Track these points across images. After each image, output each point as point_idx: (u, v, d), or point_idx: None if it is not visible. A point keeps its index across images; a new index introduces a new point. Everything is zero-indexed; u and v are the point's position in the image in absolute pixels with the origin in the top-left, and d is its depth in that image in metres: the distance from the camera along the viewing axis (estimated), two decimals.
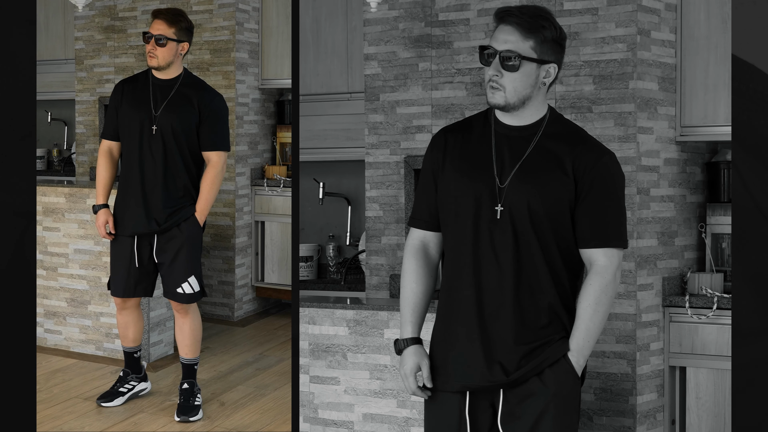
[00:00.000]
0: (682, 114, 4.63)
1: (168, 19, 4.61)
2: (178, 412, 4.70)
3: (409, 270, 2.99)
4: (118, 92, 4.71)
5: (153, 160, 4.61)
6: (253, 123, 6.73)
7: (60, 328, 5.78)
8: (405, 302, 2.99)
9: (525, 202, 2.84)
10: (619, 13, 4.42)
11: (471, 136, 2.95)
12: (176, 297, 4.66)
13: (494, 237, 2.85)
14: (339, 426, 4.39)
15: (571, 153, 2.87)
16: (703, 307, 4.50)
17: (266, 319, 6.65)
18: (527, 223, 2.85)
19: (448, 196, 2.92)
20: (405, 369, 2.95)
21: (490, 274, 2.86)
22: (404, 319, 2.98)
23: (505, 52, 2.83)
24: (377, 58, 5.11)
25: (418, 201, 3.01)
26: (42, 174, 8.03)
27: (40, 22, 7.60)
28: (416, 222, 3.01)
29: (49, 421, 4.66)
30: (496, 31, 2.87)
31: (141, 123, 4.62)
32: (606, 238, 2.88)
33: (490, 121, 2.94)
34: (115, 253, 4.73)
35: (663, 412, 4.56)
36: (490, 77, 2.86)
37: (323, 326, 4.42)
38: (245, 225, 6.66)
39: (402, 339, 2.97)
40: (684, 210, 4.72)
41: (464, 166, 2.91)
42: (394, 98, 5.06)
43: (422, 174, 3.01)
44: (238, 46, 6.52)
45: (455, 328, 2.90)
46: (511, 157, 2.89)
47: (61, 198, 5.75)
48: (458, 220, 2.90)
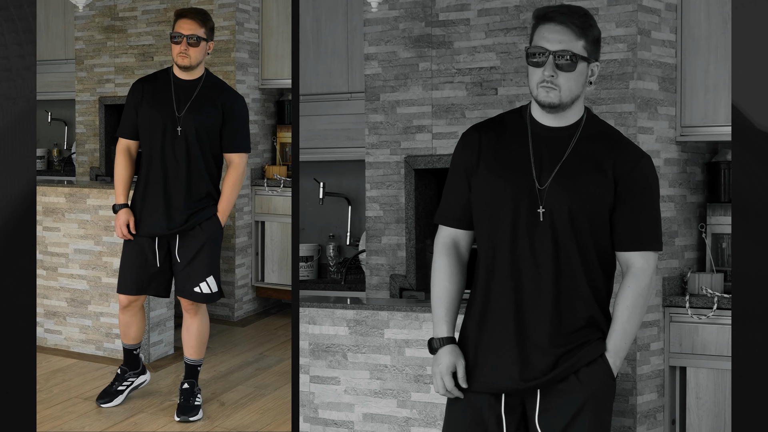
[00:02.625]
0: (682, 114, 4.63)
1: (199, 18, 4.61)
2: (178, 412, 4.70)
3: (441, 268, 2.95)
4: (138, 91, 4.67)
5: (176, 162, 4.59)
6: (253, 123, 6.73)
7: (60, 328, 5.78)
8: (438, 300, 2.95)
9: (566, 205, 2.83)
10: (620, 13, 4.42)
11: (506, 135, 2.92)
12: (192, 296, 4.63)
13: (534, 240, 2.84)
14: (339, 426, 4.39)
15: (610, 155, 2.87)
16: (703, 307, 4.50)
17: (266, 319, 6.65)
18: (568, 226, 2.84)
19: (484, 196, 2.89)
20: (441, 368, 2.90)
21: (528, 277, 2.84)
22: (438, 318, 2.94)
23: (560, 51, 2.81)
24: (377, 58, 5.11)
25: (448, 198, 2.97)
26: (42, 174, 8.03)
27: (40, 22, 7.60)
28: (447, 220, 2.97)
29: (49, 421, 4.66)
30: (543, 30, 2.83)
31: (164, 124, 4.60)
32: (644, 241, 2.89)
33: (526, 121, 2.92)
34: (129, 251, 4.68)
35: (663, 412, 4.56)
36: (544, 78, 2.82)
37: (323, 326, 4.42)
38: (245, 225, 6.66)
39: (437, 338, 2.93)
40: (684, 210, 4.71)
41: (500, 166, 2.88)
42: (395, 98, 5.06)
43: (453, 171, 2.97)
44: (238, 46, 6.52)
45: (491, 329, 2.88)
46: (550, 158, 2.87)
47: (61, 198, 5.75)
48: (495, 221, 2.87)
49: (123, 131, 4.72)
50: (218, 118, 4.62)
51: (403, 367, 4.24)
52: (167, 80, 4.66)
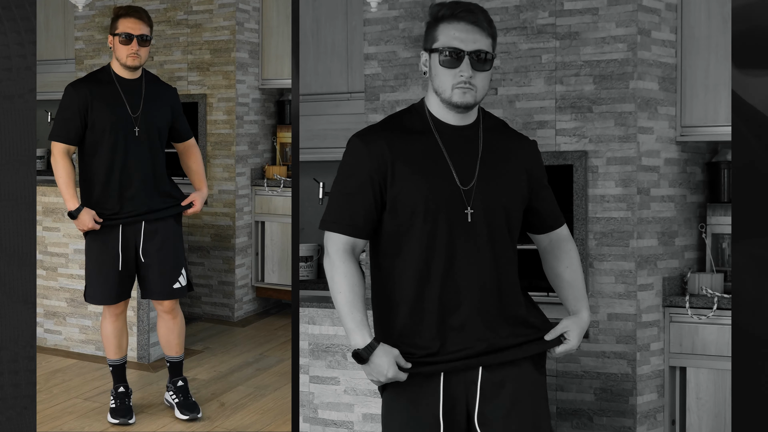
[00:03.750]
0: (682, 114, 4.63)
1: (146, 17, 4.58)
2: (184, 410, 4.69)
3: (347, 273, 2.83)
4: (83, 95, 4.56)
5: (138, 163, 4.55)
6: (253, 123, 6.73)
7: (60, 328, 5.78)
8: (351, 306, 2.81)
9: (493, 203, 2.84)
10: (620, 13, 4.42)
11: (413, 140, 2.86)
12: (174, 293, 4.63)
13: (466, 241, 2.82)
14: (339, 426, 4.39)
15: (516, 146, 2.93)
16: (703, 308, 4.50)
17: (266, 319, 6.65)
18: (502, 222, 2.86)
19: (406, 203, 2.82)
20: (387, 369, 2.80)
21: (466, 276, 2.82)
22: (357, 324, 2.80)
23: (476, 52, 2.80)
24: (377, 58, 5.11)
25: (348, 205, 2.85)
26: (42, 174, 8.03)
27: (40, 22, 7.60)
28: (346, 228, 2.85)
29: (49, 421, 4.66)
30: (451, 29, 2.81)
31: (121, 126, 4.54)
32: (561, 217, 3.06)
33: (428, 122, 2.88)
34: (95, 259, 4.61)
35: (663, 412, 4.56)
36: (462, 79, 2.79)
37: (323, 326, 4.42)
38: (245, 225, 6.66)
39: (365, 347, 2.80)
40: (684, 210, 4.71)
41: (418, 172, 2.82)
42: (394, 98, 5.06)
43: (352, 177, 2.84)
44: (238, 46, 6.52)
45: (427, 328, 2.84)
46: (465, 158, 2.85)
47: (61, 198, 5.75)
48: (421, 227, 2.81)
49: (65, 136, 4.56)
50: (169, 114, 4.68)
51: None
52: (111, 81, 4.61)
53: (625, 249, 4.40)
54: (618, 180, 4.42)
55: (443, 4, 2.86)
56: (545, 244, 3.05)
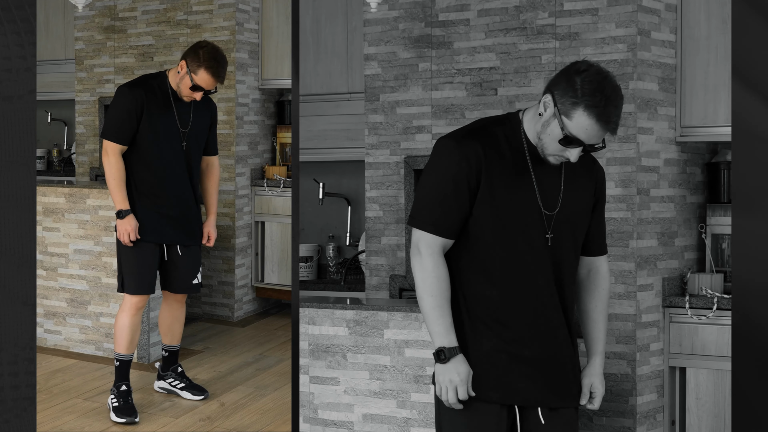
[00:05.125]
0: (682, 114, 4.63)
1: (224, 78, 4.70)
2: (194, 391, 4.95)
3: (439, 276, 2.89)
4: (138, 100, 4.64)
5: (182, 175, 4.77)
6: (253, 123, 6.73)
7: (60, 329, 5.78)
8: (440, 310, 2.88)
9: (577, 228, 2.96)
10: (620, 13, 4.42)
11: (505, 153, 2.91)
12: (192, 288, 4.90)
13: (545, 263, 2.91)
14: (339, 426, 4.39)
15: (592, 171, 3.02)
16: (703, 308, 4.50)
17: (266, 319, 6.65)
18: (577, 247, 2.99)
19: (491, 216, 2.88)
20: (461, 377, 2.88)
21: (544, 293, 2.92)
22: (445, 327, 2.88)
23: (593, 145, 2.85)
24: (377, 59, 5.11)
25: (440, 207, 2.89)
26: (42, 174, 8.03)
27: (40, 22, 7.60)
28: (439, 229, 2.90)
29: (49, 421, 4.66)
30: (587, 121, 2.78)
31: (170, 138, 4.71)
32: (605, 245, 3.12)
33: (522, 140, 2.93)
34: (140, 252, 4.73)
35: (663, 412, 4.56)
36: (567, 158, 2.86)
37: (323, 326, 4.42)
38: (245, 225, 6.66)
39: (449, 347, 2.88)
40: (684, 210, 4.72)
41: (506, 187, 2.88)
42: (394, 98, 5.06)
43: (446, 178, 2.89)
44: (238, 46, 6.52)
45: (514, 342, 2.92)
46: (549, 182, 2.93)
47: (61, 198, 5.75)
48: (504, 243, 2.90)
49: (121, 137, 4.65)
50: (207, 127, 4.88)
51: (402, 367, 4.24)
52: (166, 92, 4.73)
53: (625, 249, 4.40)
54: (618, 180, 4.42)
55: (599, 86, 2.79)
56: (584, 274, 3.10)
